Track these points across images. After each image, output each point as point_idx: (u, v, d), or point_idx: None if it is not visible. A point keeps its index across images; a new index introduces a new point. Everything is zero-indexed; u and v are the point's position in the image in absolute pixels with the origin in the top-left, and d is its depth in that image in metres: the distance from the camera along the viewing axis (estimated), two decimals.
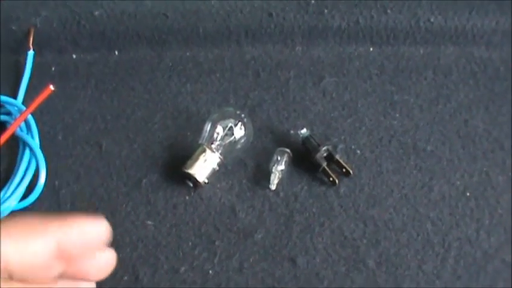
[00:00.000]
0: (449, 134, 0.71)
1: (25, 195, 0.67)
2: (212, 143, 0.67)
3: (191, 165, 0.66)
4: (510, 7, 0.78)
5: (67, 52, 0.79)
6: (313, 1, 0.78)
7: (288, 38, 0.78)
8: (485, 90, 0.75)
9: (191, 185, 0.67)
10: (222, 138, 0.68)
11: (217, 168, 0.67)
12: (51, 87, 0.70)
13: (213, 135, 0.68)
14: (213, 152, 0.67)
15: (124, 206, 0.67)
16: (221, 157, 0.67)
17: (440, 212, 0.66)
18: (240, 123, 0.68)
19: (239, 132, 0.68)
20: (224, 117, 0.69)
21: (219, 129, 0.68)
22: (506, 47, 0.78)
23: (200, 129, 0.69)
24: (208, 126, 0.68)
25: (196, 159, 0.66)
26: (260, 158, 0.69)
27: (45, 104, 0.72)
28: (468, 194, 0.68)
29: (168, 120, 0.72)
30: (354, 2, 0.78)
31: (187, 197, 0.67)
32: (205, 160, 0.66)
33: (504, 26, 0.77)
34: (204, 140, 0.68)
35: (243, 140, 0.68)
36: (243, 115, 0.69)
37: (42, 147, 0.70)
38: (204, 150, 0.67)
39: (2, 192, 0.66)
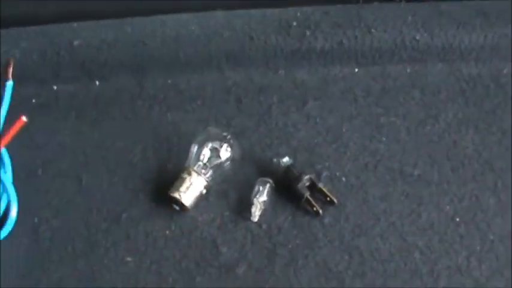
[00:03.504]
0: (438, 157, 0.69)
1: None
2: (198, 166, 0.66)
3: (177, 189, 0.65)
4: (497, 21, 0.75)
5: (47, 83, 0.77)
6: (294, 23, 0.76)
7: (270, 61, 0.76)
8: (474, 109, 0.73)
9: (177, 208, 0.66)
10: (209, 160, 0.66)
11: (204, 191, 0.66)
12: (24, 118, 0.69)
13: (199, 157, 0.67)
14: (199, 175, 0.65)
15: (104, 242, 0.65)
16: (207, 180, 0.66)
17: (429, 239, 0.64)
18: (226, 145, 0.67)
19: (225, 153, 0.67)
20: (210, 138, 0.68)
21: (205, 151, 0.67)
22: (495, 62, 0.75)
23: (181, 161, 0.68)
24: (194, 149, 0.67)
25: (182, 182, 0.65)
26: (242, 189, 0.68)
27: (25, 137, 0.71)
28: (458, 219, 0.65)
29: (149, 152, 0.71)
30: (337, 23, 0.76)
31: (167, 232, 0.66)
32: (192, 183, 0.65)
33: (492, 40, 0.75)
34: (191, 162, 0.66)
35: (229, 162, 0.67)
36: (229, 136, 0.68)
37: (21, 182, 0.69)
38: (190, 173, 0.65)
39: None
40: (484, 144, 0.70)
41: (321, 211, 0.65)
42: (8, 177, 0.69)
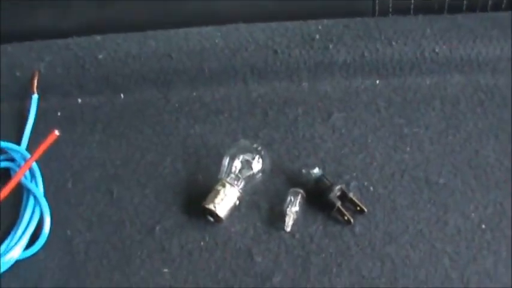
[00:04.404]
0: (461, 166, 0.71)
1: (30, 244, 0.67)
2: (231, 177, 0.68)
3: (212, 201, 0.66)
4: None
5: (72, 96, 0.79)
6: (317, 36, 0.78)
7: (294, 74, 0.78)
8: (493, 119, 0.75)
9: (212, 220, 0.67)
10: (241, 172, 0.68)
11: (238, 202, 0.67)
12: (56, 132, 0.70)
13: (231, 169, 0.68)
14: (233, 186, 0.67)
15: (139, 253, 0.66)
16: (241, 191, 0.67)
17: (457, 246, 0.66)
18: (257, 156, 0.68)
19: (257, 165, 0.69)
20: (241, 151, 0.69)
21: (237, 163, 0.68)
22: None
23: (210, 172, 0.69)
24: (226, 161, 0.69)
25: (217, 194, 0.66)
26: (273, 199, 0.69)
27: (52, 151, 0.71)
28: (484, 226, 0.67)
29: (179, 164, 0.72)
30: (358, 35, 0.78)
31: (202, 243, 0.67)
32: (226, 195, 0.66)
33: (509, 52, 0.77)
34: (223, 174, 0.68)
35: (261, 173, 0.69)
36: (260, 148, 0.69)
37: (51, 195, 0.70)
38: (224, 185, 0.67)
39: (7, 242, 0.66)
40: (505, 152, 0.72)
41: (352, 220, 0.67)
42: (39, 190, 0.70)
